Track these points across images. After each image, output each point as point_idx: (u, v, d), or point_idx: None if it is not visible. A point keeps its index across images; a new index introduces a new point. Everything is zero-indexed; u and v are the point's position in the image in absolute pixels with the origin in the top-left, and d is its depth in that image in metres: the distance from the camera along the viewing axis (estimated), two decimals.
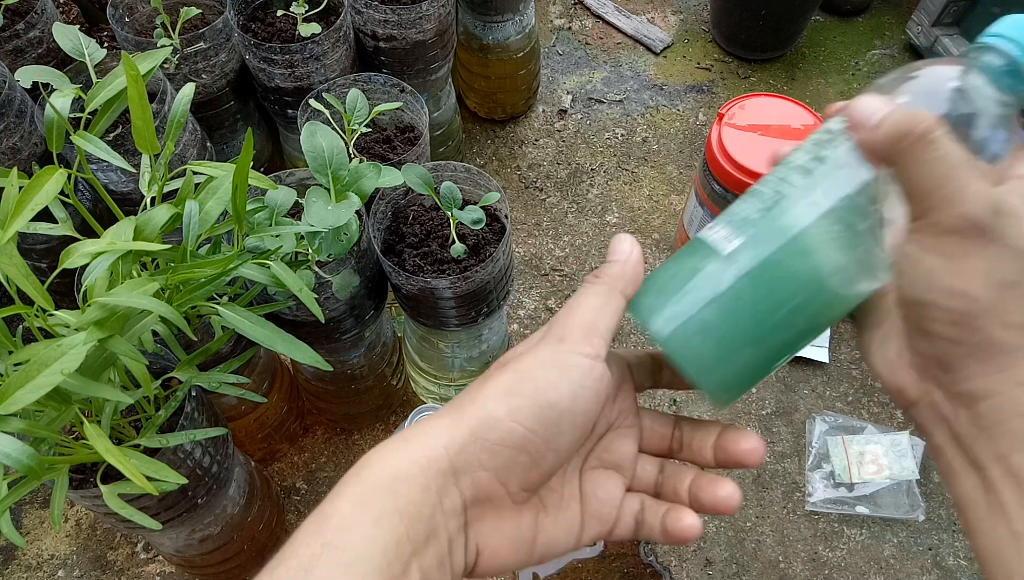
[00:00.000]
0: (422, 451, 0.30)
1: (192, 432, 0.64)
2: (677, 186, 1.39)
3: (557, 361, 0.31)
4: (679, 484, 0.35)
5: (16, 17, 0.92)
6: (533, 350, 0.32)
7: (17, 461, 0.47)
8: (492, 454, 0.30)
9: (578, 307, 0.32)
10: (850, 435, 1.08)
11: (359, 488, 0.29)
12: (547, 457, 0.31)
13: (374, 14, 1.00)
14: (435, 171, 0.81)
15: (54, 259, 0.83)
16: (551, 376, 0.30)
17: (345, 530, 0.28)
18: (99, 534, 1.04)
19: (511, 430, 0.30)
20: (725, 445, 0.34)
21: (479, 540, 0.31)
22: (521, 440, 0.30)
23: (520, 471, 0.30)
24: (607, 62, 1.59)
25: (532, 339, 0.33)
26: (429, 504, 0.29)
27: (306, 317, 0.77)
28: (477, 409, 0.30)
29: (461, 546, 0.31)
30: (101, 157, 0.61)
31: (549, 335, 0.32)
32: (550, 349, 0.31)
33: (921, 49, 1.53)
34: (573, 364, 0.30)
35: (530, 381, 0.30)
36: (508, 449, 0.30)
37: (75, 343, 0.47)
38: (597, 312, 0.32)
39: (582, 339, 0.31)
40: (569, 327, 0.32)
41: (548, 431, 0.30)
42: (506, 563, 0.32)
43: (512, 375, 0.31)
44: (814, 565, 1.01)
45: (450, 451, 0.30)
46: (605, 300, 0.33)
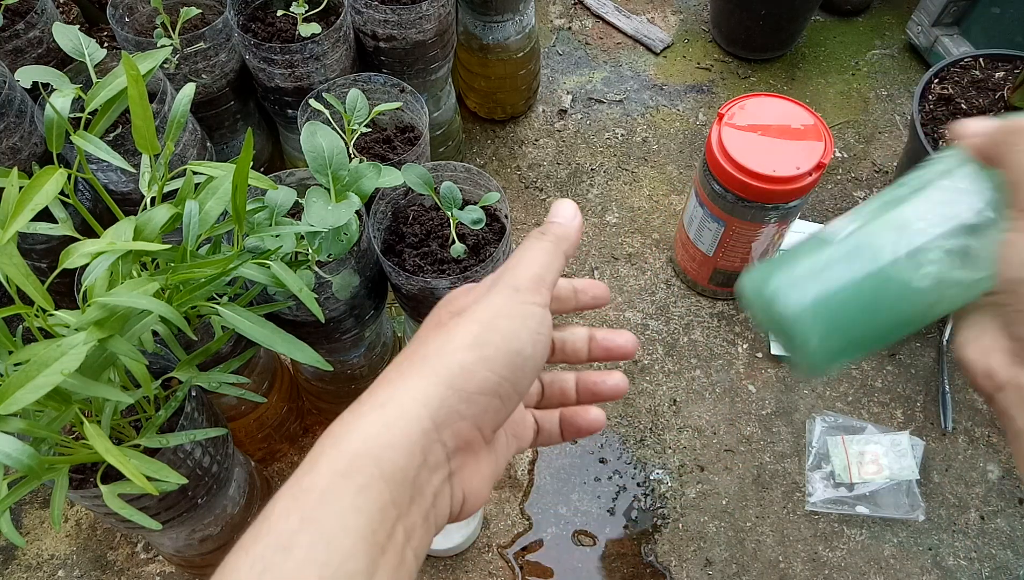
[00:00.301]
0: (402, 413, 0.30)
1: (192, 432, 0.64)
2: (677, 186, 1.39)
3: (516, 311, 0.33)
4: (564, 384, 0.40)
5: (16, 17, 0.92)
6: (488, 299, 0.33)
7: (17, 461, 0.47)
8: (470, 403, 0.31)
9: (528, 260, 0.35)
10: (850, 435, 1.09)
11: (340, 459, 0.29)
12: (514, 398, 0.33)
13: (374, 14, 1.00)
14: (435, 171, 0.81)
15: (54, 259, 0.83)
16: (513, 325, 0.32)
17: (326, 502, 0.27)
18: (99, 534, 1.04)
19: (486, 378, 0.31)
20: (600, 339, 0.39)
21: (464, 486, 0.33)
22: (495, 386, 0.31)
23: (493, 414, 0.32)
24: (607, 62, 1.59)
25: (480, 287, 0.35)
26: (414, 466, 0.29)
27: (306, 317, 0.77)
28: (449, 361, 0.31)
29: (446, 496, 0.32)
30: (101, 157, 0.61)
31: (502, 284, 0.34)
32: (506, 299, 0.33)
33: (921, 49, 1.53)
34: (528, 314, 0.33)
35: (496, 331, 0.32)
36: (484, 396, 0.31)
37: (75, 343, 0.47)
38: (544, 267, 0.34)
39: (534, 290, 0.33)
40: (521, 278, 0.34)
41: (516, 376, 0.32)
42: (485, 498, 0.34)
43: (476, 326, 0.32)
44: (814, 565, 1.01)
45: (430, 408, 0.30)
46: (551, 257, 0.35)
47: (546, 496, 1.06)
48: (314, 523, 0.27)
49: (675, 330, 1.21)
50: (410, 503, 0.29)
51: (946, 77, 1.15)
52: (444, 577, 1.00)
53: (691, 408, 1.13)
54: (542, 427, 0.40)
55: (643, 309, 1.23)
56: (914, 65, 1.56)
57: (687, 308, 1.24)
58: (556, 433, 0.40)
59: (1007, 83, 1.13)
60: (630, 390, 1.15)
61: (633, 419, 1.13)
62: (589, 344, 0.40)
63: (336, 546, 0.26)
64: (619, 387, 0.39)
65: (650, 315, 1.23)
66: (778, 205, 1.01)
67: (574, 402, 0.40)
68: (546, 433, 0.40)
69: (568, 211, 0.37)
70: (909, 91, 1.52)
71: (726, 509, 1.05)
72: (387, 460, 0.29)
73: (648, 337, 1.20)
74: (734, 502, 1.06)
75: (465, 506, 0.33)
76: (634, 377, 1.16)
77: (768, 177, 0.97)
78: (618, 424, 1.12)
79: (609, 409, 1.13)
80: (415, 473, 0.29)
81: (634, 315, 1.23)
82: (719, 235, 1.09)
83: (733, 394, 1.15)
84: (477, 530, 1.02)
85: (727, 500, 1.06)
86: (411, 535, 0.29)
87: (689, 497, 1.06)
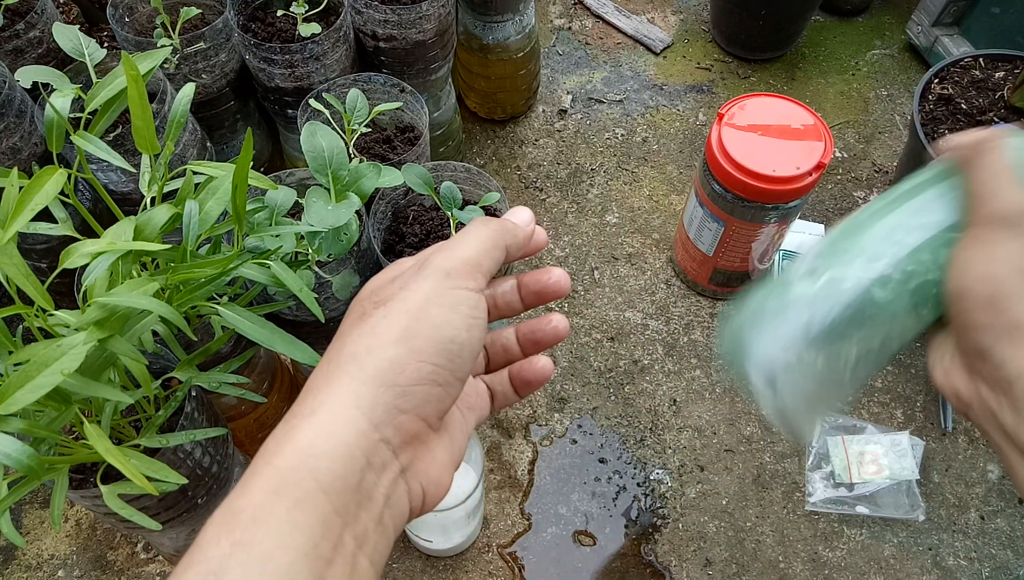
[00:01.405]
0: (333, 418, 0.29)
1: (192, 432, 0.64)
2: (677, 186, 1.39)
3: (446, 298, 0.31)
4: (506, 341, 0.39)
5: (16, 17, 0.92)
6: (415, 285, 0.32)
7: (17, 461, 0.47)
8: (407, 396, 0.30)
9: (465, 244, 0.33)
10: (850, 435, 1.08)
11: (272, 477, 0.27)
12: (455, 385, 0.31)
13: (374, 14, 1.00)
14: (435, 171, 0.81)
15: (54, 259, 0.83)
16: (444, 313, 0.31)
17: (259, 522, 0.26)
18: (99, 534, 1.04)
19: (419, 368, 0.30)
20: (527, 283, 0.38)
21: (421, 479, 0.32)
22: (431, 375, 0.30)
23: (436, 402, 0.31)
24: (607, 62, 1.59)
25: (404, 270, 0.34)
26: (356, 470, 0.28)
27: (306, 317, 0.77)
28: (377, 358, 0.30)
29: (403, 493, 0.31)
30: (101, 157, 0.61)
31: (431, 267, 0.32)
32: (436, 284, 0.32)
33: (921, 49, 1.53)
34: (461, 300, 0.31)
35: (425, 321, 0.30)
36: (421, 386, 0.30)
37: (75, 343, 0.47)
38: (483, 253, 0.33)
39: (467, 274, 0.32)
40: (455, 261, 0.32)
41: (452, 363, 0.31)
42: (447, 485, 0.33)
43: (403, 318, 0.31)
44: (814, 565, 1.01)
45: (363, 408, 0.29)
46: (492, 245, 0.34)
47: (546, 496, 1.06)
48: (246, 546, 0.25)
49: (675, 330, 1.21)
50: (357, 509, 0.28)
51: (946, 77, 1.15)
52: (444, 577, 1.00)
53: (691, 408, 1.13)
54: (495, 391, 0.39)
55: (643, 309, 1.23)
56: (914, 65, 1.56)
57: (687, 308, 1.24)
58: (511, 393, 0.39)
59: (1007, 83, 1.13)
60: (630, 390, 1.15)
61: (633, 419, 1.13)
62: (520, 292, 0.38)
63: (272, 567, 0.25)
64: (559, 329, 0.38)
65: (650, 315, 1.23)
66: (778, 205, 1.01)
67: (520, 357, 0.39)
68: (500, 396, 0.39)
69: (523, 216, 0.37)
70: (909, 91, 1.52)
71: (726, 509, 1.05)
72: (324, 470, 0.27)
73: (648, 337, 1.20)
74: (734, 502, 1.06)
75: (427, 498, 0.32)
76: (634, 377, 1.16)
77: (768, 177, 0.97)
78: (618, 424, 1.12)
79: (609, 409, 1.13)
80: (358, 478, 0.28)
81: (634, 315, 1.23)
82: (719, 235, 1.09)
83: (733, 394, 1.15)
84: (477, 530, 1.02)
85: (727, 500, 1.06)
86: (363, 542, 0.28)
87: (689, 497, 1.06)
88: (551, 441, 1.11)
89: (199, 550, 0.26)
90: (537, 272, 0.38)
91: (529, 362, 0.39)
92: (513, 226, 0.36)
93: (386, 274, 0.35)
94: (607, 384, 1.16)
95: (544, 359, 0.38)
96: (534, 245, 0.38)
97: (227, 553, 0.25)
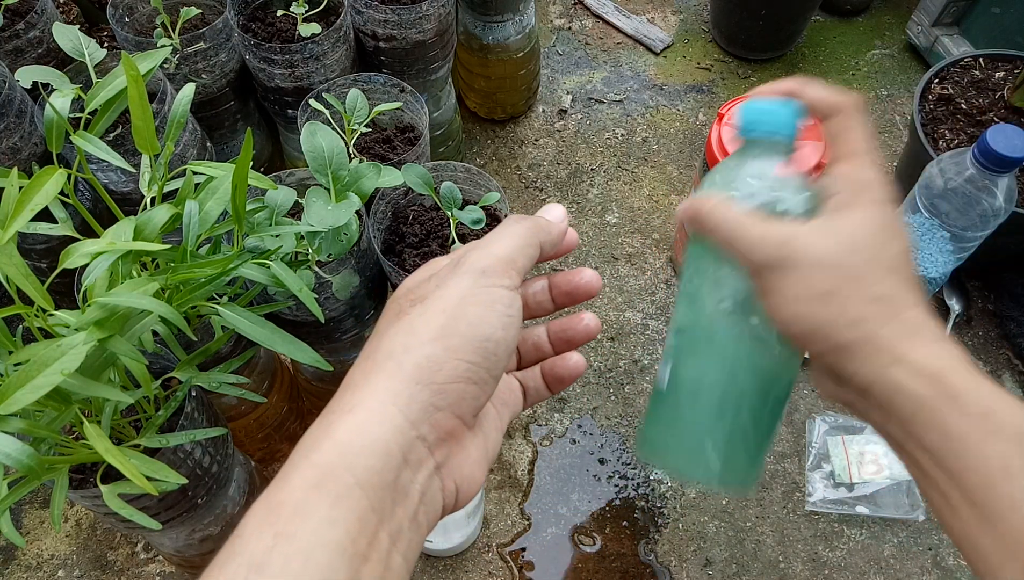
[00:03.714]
0: (371, 415, 0.29)
1: (192, 432, 0.64)
2: (677, 186, 1.39)
3: (482, 296, 0.31)
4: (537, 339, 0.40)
5: (16, 17, 0.92)
6: (452, 283, 0.32)
7: (17, 461, 0.47)
8: (443, 393, 0.30)
9: (500, 241, 0.34)
10: (850, 435, 1.09)
11: (312, 471, 0.28)
12: (489, 383, 0.32)
13: (374, 14, 1.00)
14: (435, 171, 0.81)
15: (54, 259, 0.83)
16: (480, 311, 0.31)
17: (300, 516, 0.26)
18: (99, 534, 1.04)
19: (455, 367, 0.30)
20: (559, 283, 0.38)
21: (455, 476, 0.32)
22: (467, 373, 0.30)
23: (471, 400, 0.31)
24: (607, 62, 1.59)
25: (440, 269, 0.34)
26: (393, 468, 0.28)
27: (306, 317, 0.77)
28: (415, 356, 0.30)
29: (437, 491, 0.31)
30: (101, 157, 0.61)
31: (467, 265, 0.32)
32: (472, 282, 0.32)
33: (921, 49, 1.53)
34: (497, 298, 0.32)
35: (462, 319, 0.31)
36: (457, 384, 0.30)
37: (75, 343, 0.47)
38: (517, 250, 0.33)
39: (502, 272, 0.32)
40: (489, 259, 0.32)
41: (488, 361, 0.31)
42: (480, 482, 0.34)
43: (440, 317, 0.31)
44: (814, 565, 1.01)
45: (400, 405, 0.29)
46: (525, 242, 0.34)
47: (546, 496, 1.06)
48: (288, 539, 0.26)
49: None
50: (393, 506, 0.28)
51: (946, 77, 1.15)
52: (444, 577, 1.00)
53: None
54: (527, 387, 0.40)
55: (643, 309, 1.23)
56: (914, 65, 1.56)
57: None
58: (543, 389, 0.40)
59: (1007, 83, 1.13)
60: (630, 390, 1.15)
61: (633, 419, 1.13)
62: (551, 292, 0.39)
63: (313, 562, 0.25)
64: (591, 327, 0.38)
65: (650, 315, 1.23)
66: None
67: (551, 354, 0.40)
68: (533, 391, 0.40)
69: (557, 213, 0.37)
70: (909, 91, 1.52)
71: (726, 509, 1.05)
72: (362, 467, 0.28)
73: (648, 337, 1.20)
74: (734, 502, 1.06)
75: (460, 495, 0.32)
76: (634, 377, 1.16)
77: None
78: (618, 424, 1.12)
79: (609, 409, 1.13)
80: (395, 475, 0.28)
81: (634, 315, 1.23)
82: None
83: None
84: (477, 530, 1.02)
85: (727, 500, 1.06)
86: (397, 539, 0.28)
87: (689, 497, 1.06)
88: (551, 441, 1.11)
89: (240, 541, 0.26)
90: (569, 272, 0.38)
91: (562, 359, 0.39)
92: (547, 223, 0.36)
93: (422, 272, 0.35)
94: (607, 384, 1.16)
95: (577, 356, 0.39)
96: (566, 244, 0.38)
97: (270, 545, 0.26)
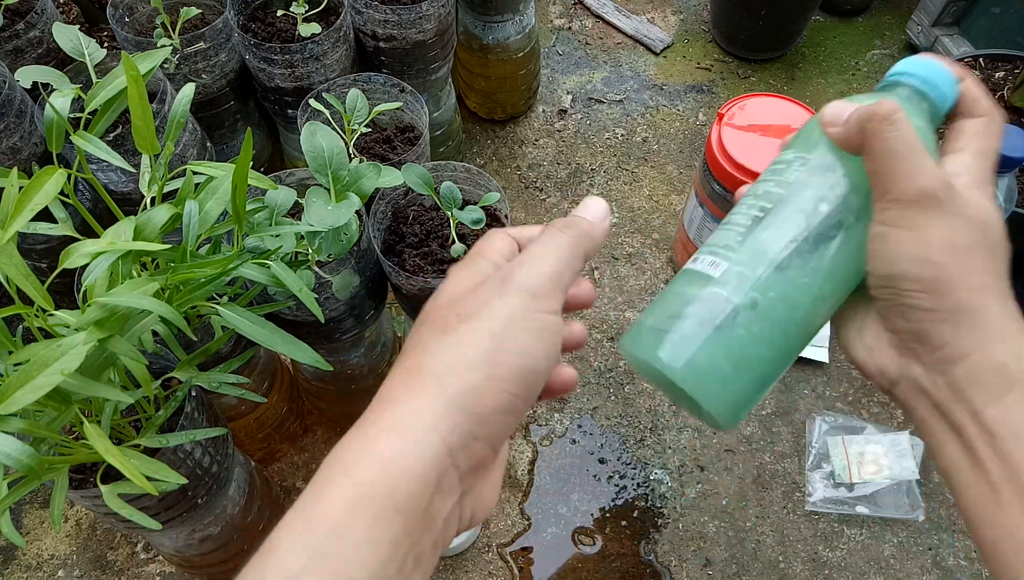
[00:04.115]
0: (414, 438, 0.28)
1: (192, 432, 0.64)
2: (677, 186, 1.39)
3: (531, 322, 0.30)
4: None
5: (16, 17, 0.92)
6: (500, 303, 0.30)
7: (17, 461, 0.47)
8: (484, 423, 0.29)
9: (546, 257, 0.32)
10: (850, 435, 1.08)
11: (350, 489, 0.27)
12: (523, 411, 0.31)
13: (374, 14, 1.00)
14: (435, 171, 0.81)
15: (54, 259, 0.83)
16: (529, 339, 0.30)
17: (336, 536, 0.26)
18: (99, 534, 1.04)
19: (498, 398, 0.29)
20: None
21: (475, 504, 0.32)
22: (508, 404, 0.30)
23: (506, 430, 0.31)
24: (607, 62, 1.59)
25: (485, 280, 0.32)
26: (427, 495, 0.28)
27: (306, 317, 0.77)
28: (460, 381, 0.29)
29: (455, 517, 0.31)
30: (101, 157, 0.61)
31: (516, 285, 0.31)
32: (522, 305, 0.30)
33: (921, 49, 1.53)
34: (546, 326, 0.31)
35: (510, 346, 0.30)
36: (497, 415, 0.30)
37: (75, 343, 0.47)
38: (563, 264, 0.32)
39: (551, 295, 0.31)
40: (538, 278, 0.31)
41: (527, 391, 0.30)
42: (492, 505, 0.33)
43: (487, 340, 0.30)
44: (814, 565, 1.01)
45: (442, 431, 0.28)
46: (571, 253, 0.32)
47: (546, 496, 1.06)
48: (323, 559, 0.26)
49: None
50: (422, 531, 0.28)
51: None
52: (444, 577, 1.00)
53: None
54: None
55: (643, 309, 1.23)
56: None
57: None
58: None
59: (1007, 83, 1.13)
60: (630, 390, 1.15)
61: (633, 419, 1.13)
62: None
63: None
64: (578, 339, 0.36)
65: None
66: None
67: None
68: None
69: (599, 210, 0.35)
70: None
71: (726, 509, 1.05)
72: (402, 490, 0.27)
73: None
74: (734, 502, 1.06)
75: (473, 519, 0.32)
76: (634, 377, 1.16)
77: None
78: (618, 424, 1.12)
79: (609, 409, 1.13)
80: (428, 501, 0.28)
81: (634, 315, 1.23)
82: None
83: None
84: (477, 530, 1.02)
85: (727, 500, 1.06)
86: (420, 562, 0.28)
87: (689, 497, 1.06)
88: (551, 441, 1.11)
89: (273, 555, 0.26)
90: None
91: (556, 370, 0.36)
92: (589, 227, 0.34)
93: (464, 280, 0.33)
94: (607, 384, 1.16)
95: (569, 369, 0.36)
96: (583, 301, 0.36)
97: (304, 564, 0.26)
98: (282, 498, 1.05)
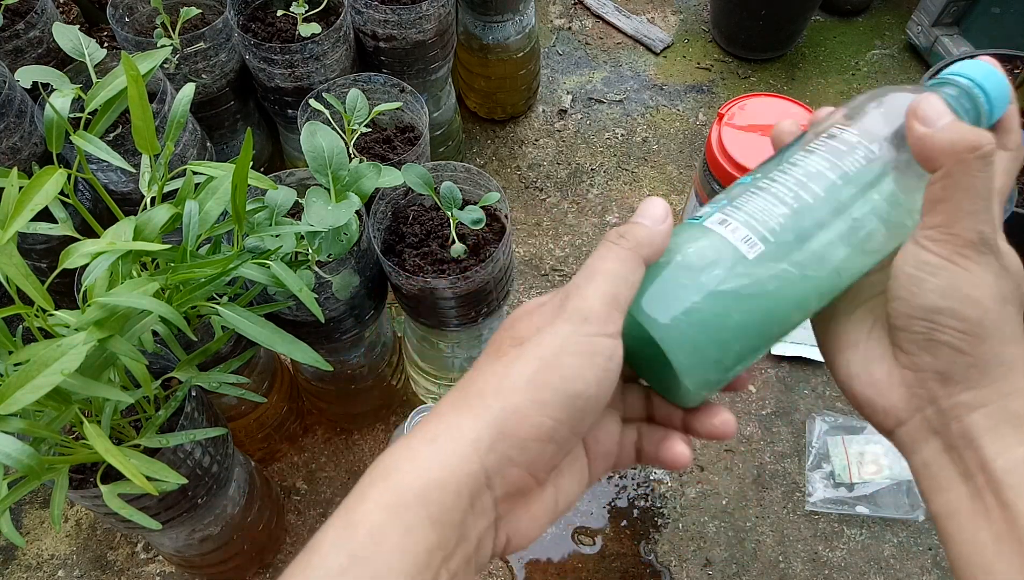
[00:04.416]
0: (453, 452, 0.29)
1: (192, 432, 0.64)
2: (677, 186, 1.39)
3: (582, 346, 0.29)
4: (671, 411, 0.35)
5: (16, 17, 0.92)
6: (553, 328, 0.30)
7: (17, 461, 0.47)
8: (522, 450, 0.29)
9: (601, 275, 0.30)
10: (850, 435, 1.08)
11: (389, 494, 0.28)
12: (571, 441, 0.30)
13: (374, 14, 1.00)
14: (435, 171, 0.81)
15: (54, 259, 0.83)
16: (577, 363, 0.29)
17: (374, 541, 0.27)
18: (99, 534, 1.04)
19: (540, 424, 0.29)
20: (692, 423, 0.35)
21: (509, 530, 0.31)
22: (550, 432, 0.29)
23: (548, 459, 0.30)
24: (607, 62, 1.59)
25: (547, 306, 0.31)
26: (461, 510, 0.28)
27: (306, 317, 0.77)
28: (503, 402, 0.29)
29: (490, 540, 0.30)
30: (101, 157, 0.61)
31: (570, 308, 0.30)
32: (573, 330, 0.29)
33: (921, 49, 1.53)
34: (598, 350, 0.29)
35: (556, 370, 0.29)
36: (537, 442, 0.29)
37: (75, 343, 0.47)
38: (620, 282, 0.30)
39: (606, 318, 0.30)
40: (591, 300, 0.30)
41: (574, 420, 0.29)
42: (533, 537, 0.32)
43: (536, 363, 0.29)
44: (814, 565, 1.01)
45: (480, 451, 0.28)
46: (629, 268, 0.31)
47: None
48: (363, 563, 0.27)
49: None
50: (455, 546, 0.28)
51: None
52: None
53: None
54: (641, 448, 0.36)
55: None
56: (914, 65, 1.56)
57: None
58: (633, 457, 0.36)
59: None
60: None
61: None
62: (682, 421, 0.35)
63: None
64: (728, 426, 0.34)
65: None
66: None
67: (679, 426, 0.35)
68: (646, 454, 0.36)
69: (658, 211, 0.32)
70: None
71: (726, 509, 1.05)
72: (435, 501, 0.28)
73: None
74: (734, 502, 1.06)
75: (508, 548, 0.32)
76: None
77: None
78: None
79: None
80: (461, 517, 0.28)
81: None
82: None
83: (733, 394, 1.15)
84: None
85: (727, 500, 1.06)
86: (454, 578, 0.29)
87: (689, 497, 1.06)
88: None
89: (316, 555, 0.27)
90: (703, 416, 0.35)
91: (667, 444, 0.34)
92: (647, 233, 0.32)
93: (529, 303, 0.33)
94: None
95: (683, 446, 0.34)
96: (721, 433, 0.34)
97: (345, 566, 0.27)
98: (282, 498, 1.05)
